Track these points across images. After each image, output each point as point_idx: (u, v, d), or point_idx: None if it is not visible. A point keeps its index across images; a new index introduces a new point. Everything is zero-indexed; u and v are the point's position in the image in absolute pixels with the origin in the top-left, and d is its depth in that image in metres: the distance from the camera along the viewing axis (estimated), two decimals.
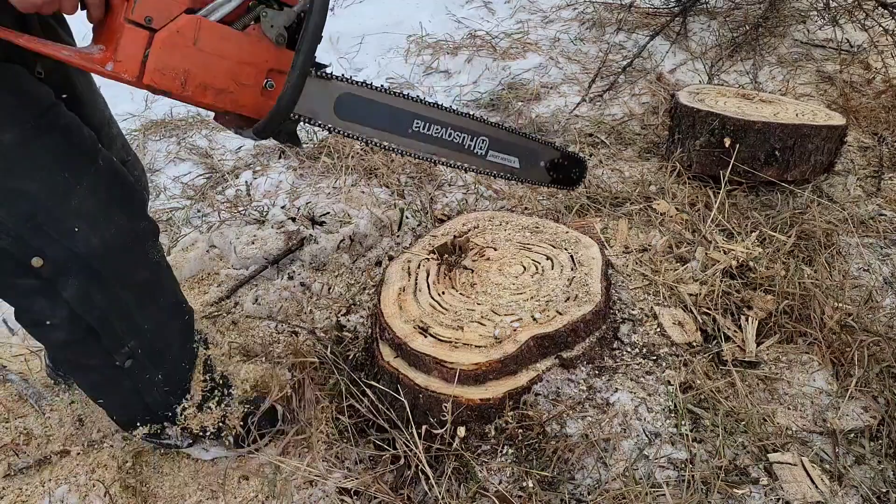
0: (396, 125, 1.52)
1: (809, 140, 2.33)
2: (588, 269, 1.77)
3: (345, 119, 1.43)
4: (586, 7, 4.00)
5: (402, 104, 1.52)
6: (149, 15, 1.15)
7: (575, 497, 1.44)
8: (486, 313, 1.64)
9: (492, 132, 1.69)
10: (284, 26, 1.27)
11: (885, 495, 1.46)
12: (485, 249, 1.87)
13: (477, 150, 1.67)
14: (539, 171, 1.87)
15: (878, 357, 1.72)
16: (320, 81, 1.38)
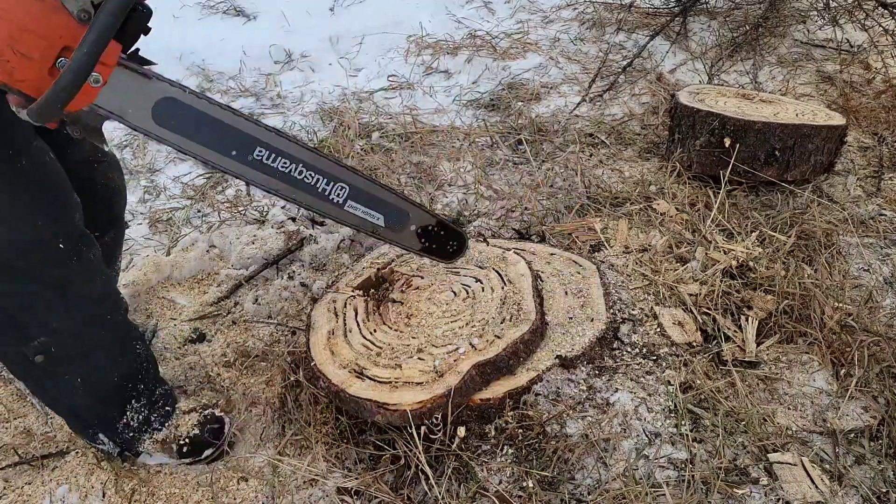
0: (232, 147, 1.33)
1: (809, 140, 2.33)
2: (518, 286, 1.72)
3: (165, 126, 1.26)
4: (586, 7, 4.00)
5: (244, 126, 1.33)
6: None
7: (575, 497, 1.44)
8: (423, 346, 1.58)
9: (353, 180, 1.48)
10: (92, 2, 1.08)
11: (885, 495, 1.46)
12: (411, 279, 1.79)
13: (333, 197, 1.47)
14: (408, 235, 1.64)
15: (878, 357, 1.72)
16: (137, 77, 1.21)
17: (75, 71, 1.04)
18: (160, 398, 1.60)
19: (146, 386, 1.56)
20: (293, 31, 3.86)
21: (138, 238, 2.42)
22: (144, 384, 1.56)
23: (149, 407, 1.57)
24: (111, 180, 1.66)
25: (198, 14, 4.00)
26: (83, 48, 1.03)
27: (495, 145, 2.86)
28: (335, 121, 3.04)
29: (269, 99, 3.36)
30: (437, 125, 3.01)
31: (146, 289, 2.18)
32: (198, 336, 1.99)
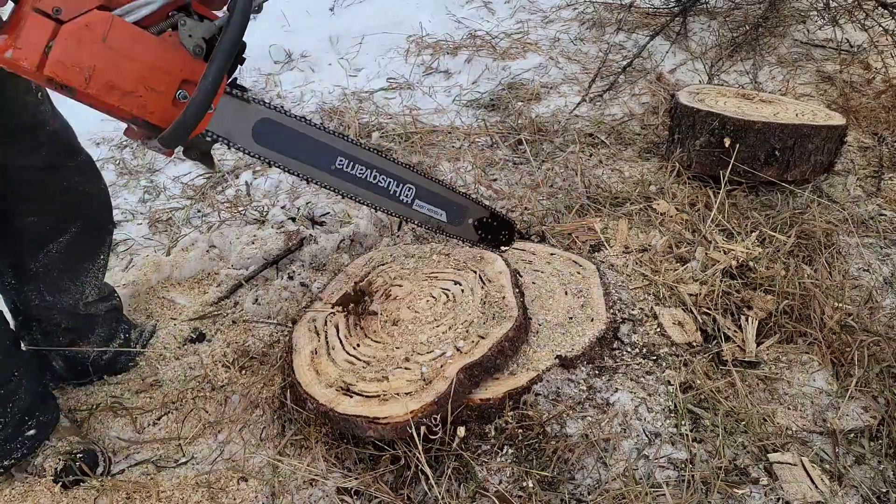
0: (319, 159, 1.48)
1: (809, 140, 2.32)
2: (498, 284, 1.71)
3: (263, 145, 1.40)
4: (586, 7, 4.00)
5: (327, 139, 1.48)
6: (58, 6, 1.13)
7: (575, 497, 1.44)
8: (408, 355, 1.56)
9: (420, 181, 1.66)
10: (204, 38, 1.24)
11: (885, 495, 1.46)
12: (390, 288, 1.77)
13: (403, 198, 1.64)
14: (467, 227, 1.84)
15: (878, 357, 1.72)
16: (239, 102, 1.35)
17: (201, 100, 1.19)
18: (31, 427, 1.55)
19: (16, 416, 1.52)
20: (293, 31, 3.86)
21: (138, 238, 2.42)
22: (16, 415, 1.52)
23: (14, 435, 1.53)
24: (76, 184, 1.66)
25: None
26: (207, 79, 1.18)
27: (495, 145, 2.86)
28: (335, 121, 3.04)
29: (269, 99, 3.36)
30: (437, 125, 3.01)
31: (146, 289, 2.18)
32: (198, 336, 1.99)
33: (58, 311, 1.73)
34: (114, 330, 1.87)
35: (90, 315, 1.79)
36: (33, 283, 1.68)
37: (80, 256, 1.73)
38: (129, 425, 1.75)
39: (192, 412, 1.77)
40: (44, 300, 1.70)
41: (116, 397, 1.81)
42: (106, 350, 1.84)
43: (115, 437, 1.72)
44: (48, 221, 1.65)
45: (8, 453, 1.53)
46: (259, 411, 1.74)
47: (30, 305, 1.71)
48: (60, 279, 1.70)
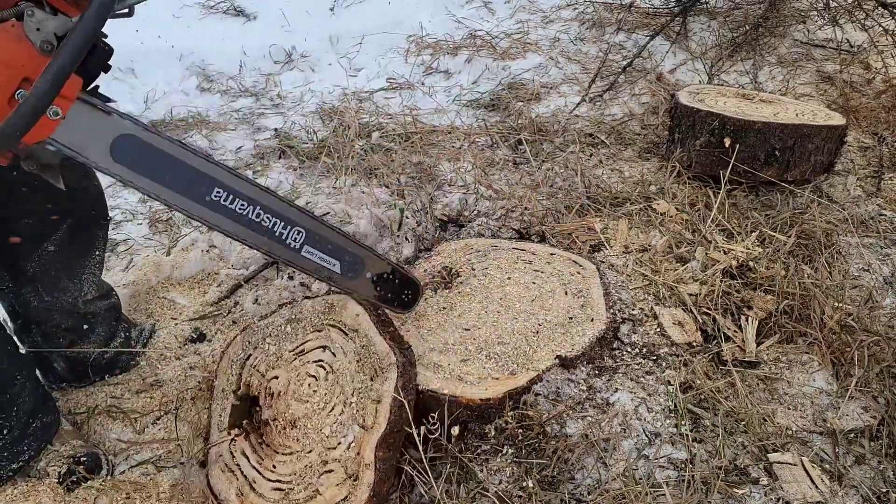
0: (191, 188, 1.29)
1: (809, 140, 2.33)
2: (362, 332, 1.58)
3: (123, 164, 1.23)
4: (586, 7, 4.00)
5: (204, 166, 1.29)
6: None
7: (575, 497, 1.44)
8: (323, 457, 1.44)
9: (311, 225, 1.46)
10: (56, 34, 1.08)
11: (885, 495, 1.46)
12: (268, 384, 1.60)
13: (290, 242, 1.44)
14: (363, 282, 1.60)
15: (878, 357, 1.72)
16: (97, 113, 1.19)
17: (35, 100, 1.02)
18: (37, 428, 1.56)
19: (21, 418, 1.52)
20: (293, 31, 3.86)
21: (138, 238, 2.42)
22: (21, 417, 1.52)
23: (21, 437, 1.53)
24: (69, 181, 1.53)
25: (198, 14, 4.00)
26: (45, 77, 1.02)
27: (495, 145, 2.86)
28: (335, 121, 3.04)
29: (269, 99, 3.36)
30: (437, 125, 3.01)
31: (146, 289, 2.18)
32: (198, 336, 1.99)
33: (57, 311, 1.72)
34: (114, 329, 1.87)
35: (90, 314, 1.79)
36: (31, 284, 1.67)
37: (76, 253, 1.71)
38: (128, 426, 1.75)
39: (192, 412, 1.77)
40: (42, 301, 1.69)
41: (116, 398, 1.81)
42: (107, 350, 1.84)
43: (115, 439, 1.72)
44: (43, 221, 1.62)
45: (15, 456, 1.53)
46: None
47: (28, 307, 1.71)
48: (58, 278, 1.69)
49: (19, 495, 1.52)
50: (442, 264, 1.94)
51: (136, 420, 1.76)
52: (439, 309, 1.79)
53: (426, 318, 1.76)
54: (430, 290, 1.86)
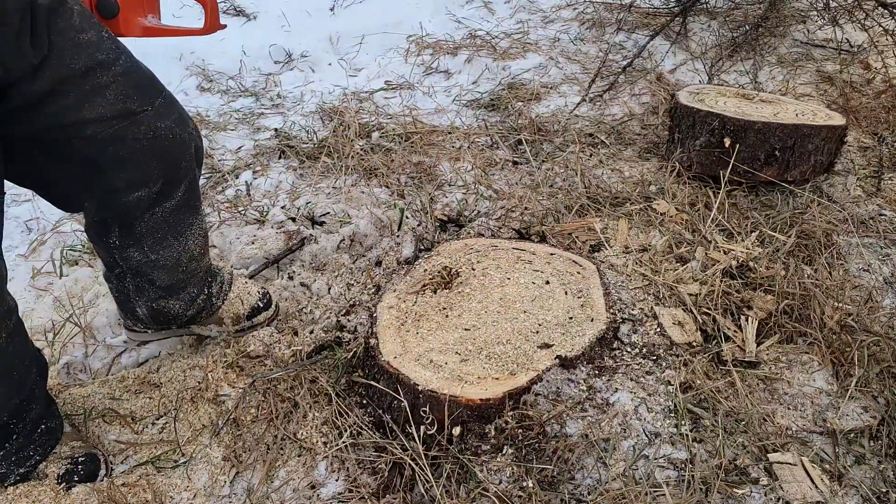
0: None
1: (809, 140, 2.32)
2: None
3: None
4: (586, 7, 4.00)
5: None
6: None
7: (575, 497, 1.44)
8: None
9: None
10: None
11: (884, 495, 1.46)
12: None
13: None
14: None
15: (878, 357, 1.72)
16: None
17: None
18: (42, 434, 1.55)
19: (28, 424, 1.52)
20: (293, 31, 3.86)
21: None
22: (28, 423, 1.52)
23: (27, 443, 1.52)
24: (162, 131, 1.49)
25: (198, 14, 3.99)
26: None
27: (495, 145, 2.86)
28: (335, 121, 3.04)
29: (269, 99, 3.36)
30: (437, 125, 3.01)
31: None
32: (198, 336, 1.99)
33: (159, 267, 1.66)
34: (201, 287, 1.83)
35: (189, 272, 1.74)
36: (138, 243, 1.60)
37: (185, 214, 1.64)
38: (126, 427, 1.75)
39: (191, 413, 1.76)
40: (147, 258, 1.63)
41: (115, 398, 1.81)
42: (191, 306, 1.82)
43: (113, 440, 1.72)
44: (153, 191, 1.51)
45: (22, 461, 1.52)
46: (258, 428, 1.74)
47: (130, 262, 1.65)
48: (164, 237, 1.62)
49: (19, 495, 1.52)
50: (442, 264, 1.93)
51: (136, 422, 1.76)
52: (439, 309, 1.78)
53: (426, 318, 1.76)
54: (430, 290, 1.86)
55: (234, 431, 1.70)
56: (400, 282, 1.88)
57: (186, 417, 1.75)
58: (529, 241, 2.15)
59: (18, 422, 1.49)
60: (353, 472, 1.56)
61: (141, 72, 1.45)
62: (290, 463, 1.62)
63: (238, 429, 1.70)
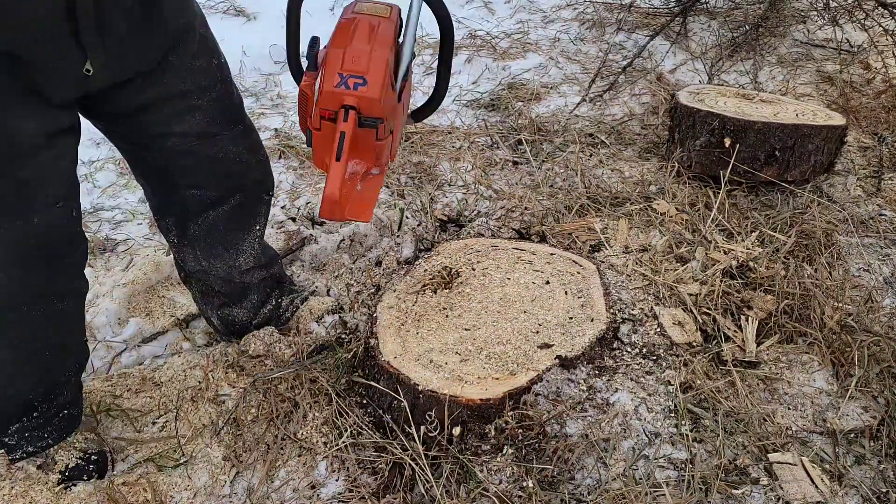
0: None
1: (809, 140, 2.33)
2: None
3: None
4: (586, 7, 4.00)
5: None
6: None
7: (575, 497, 1.44)
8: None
9: None
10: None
11: (885, 495, 1.46)
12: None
13: None
14: None
15: (878, 357, 1.72)
16: None
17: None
18: (63, 420, 1.57)
19: (54, 407, 1.54)
20: None
21: (138, 238, 2.42)
22: (54, 406, 1.54)
23: (46, 424, 1.54)
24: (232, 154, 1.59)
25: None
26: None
27: (495, 145, 2.86)
28: None
29: (269, 99, 3.36)
30: (437, 125, 3.01)
31: (146, 288, 2.18)
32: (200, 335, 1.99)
33: (212, 276, 1.76)
34: (267, 295, 1.90)
35: (244, 283, 1.82)
36: (190, 246, 1.70)
37: (236, 225, 1.71)
38: (128, 425, 1.75)
39: (191, 413, 1.76)
40: (199, 264, 1.73)
41: (116, 396, 1.81)
42: (257, 315, 1.90)
43: (115, 438, 1.72)
44: (208, 195, 1.62)
45: (34, 440, 1.54)
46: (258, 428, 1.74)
47: (186, 265, 1.76)
48: (215, 246, 1.71)
49: (16, 496, 1.52)
50: (442, 264, 1.93)
51: (138, 419, 1.76)
52: (439, 309, 1.78)
53: (426, 318, 1.76)
54: (430, 291, 1.86)
55: (235, 431, 1.70)
56: (400, 282, 1.88)
57: (187, 417, 1.75)
58: (529, 241, 2.15)
59: (44, 402, 1.52)
60: (353, 472, 1.56)
61: (231, 100, 1.57)
62: (290, 463, 1.62)
63: (238, 429, 1.71)
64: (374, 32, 1.32)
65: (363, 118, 1.31)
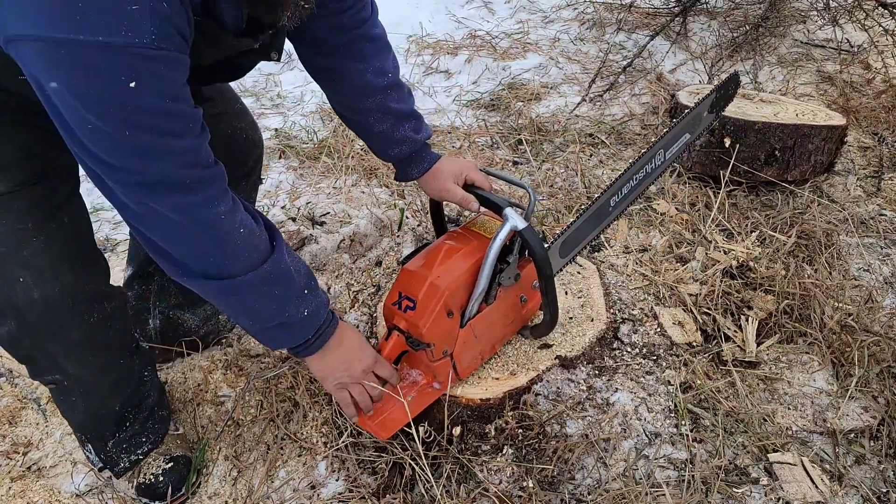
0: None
1: (809, 140, 2.32)
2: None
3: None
4: (586, 7, 4.00)
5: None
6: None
7: (575, 497, 1.44)
8: None
9: None
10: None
11: (885, 495, 1.46)
12: None
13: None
14: None
15: (878, 357, 1.72)
16: None
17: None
18: (156, 422, 1.58)
19: (144, 412, 1.55)
20: None
21: None
22: (144, 411, 1.55)
23: (141, 431, 1.55)
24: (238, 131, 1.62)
25: None
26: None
27: (495, 145, 2.86)
28: (335, 121, 3.04)
29: (270, 99, 3.36)
30: (437, 125, 3.01)
31: None
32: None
33: None
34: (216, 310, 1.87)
35: None
36: None
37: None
38: None
39: (191, 413, 1.76)
40: None
41: None
42: (203, 325, 1.86)
43: None
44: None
45: (134, 449, 1.54)
46: (263, 415, 1.74)
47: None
48: None
49: (13, 495, 1.52)
50: None
51: None
52: None
53: None
54: None
55: (234, 431, 1.70)
56: None
57: (187, 417, 1.75)
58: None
59: (133, 408, 1.51)
60: (353, 472, 1.56)
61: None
62: (290, 463, 1.62)
63: (238, 429, 1.71)
64: (449, 259, 1.41)
65: (410, 339, 1.40)
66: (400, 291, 1.42)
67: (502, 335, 1.58)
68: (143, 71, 0.93)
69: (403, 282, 1.43)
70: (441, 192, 1.56)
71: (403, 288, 1.42)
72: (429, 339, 1.39)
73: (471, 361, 1.52)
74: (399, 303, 1.41)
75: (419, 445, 1.46)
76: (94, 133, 0.96)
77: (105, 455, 1.52)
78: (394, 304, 1.42)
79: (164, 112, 0.99)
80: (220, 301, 1.25)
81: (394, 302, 1.42)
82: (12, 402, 1.82)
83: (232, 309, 1.29)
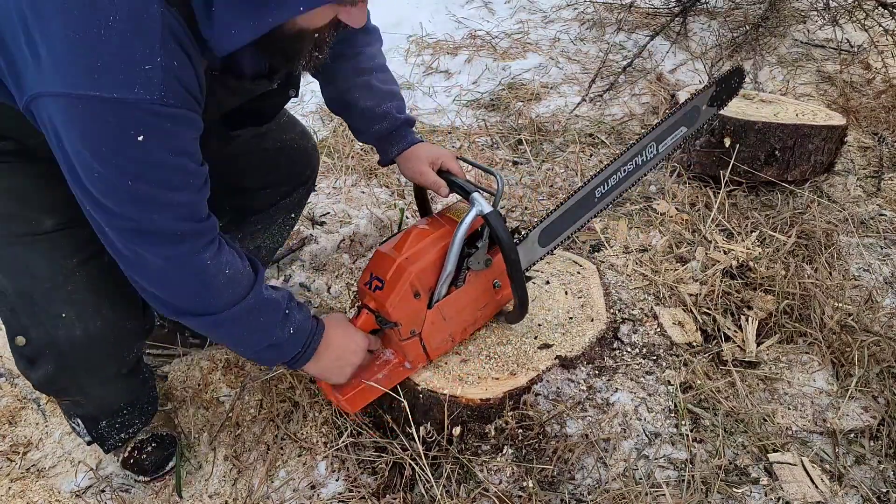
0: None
1: (809, 140, 2.32)
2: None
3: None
4: (586, 7, 4.00)
5: None
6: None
7: (575, 497, 1.44)
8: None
9: None
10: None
11: (885, 495, 1.46)
12: None
13: None
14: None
15: (878, 357, 1.72)
16: None
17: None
18: (148, 403, 1.60)
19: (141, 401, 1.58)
20: None
21: None
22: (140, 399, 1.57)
23: (134, 413, 1.57)
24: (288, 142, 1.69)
25: None
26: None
27: (495, 145, 2.86)
28: (335, 121, 3.04)
29: None
30: (437, 125, 3.01)
31: None
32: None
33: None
34: None
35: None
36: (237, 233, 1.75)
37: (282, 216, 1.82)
38: None
39: (191, 413, 1.76)
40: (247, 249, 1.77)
41: None
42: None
43: None
44: (277, 192, 1.73)
45: (126, 426, 1.56)
46: (262, 415, 1.74)
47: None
48: (257, 234, 1.80)
49: (13, 495, 1.52)
50: None
51: None
52: None
53: None
54: None
55: (234, 431, 1.70)
56: None
57: (187, 417, 1.75)
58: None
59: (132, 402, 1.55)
60: (353, 472, 1.56)
61: None
62: (290, 463, 1.62)
63: (238, 429, 1.71)
64: (419, 243, 1.45)
65: (379, 318, 1.44)
66: (371, 272, 1.46)
67: (474, 319, 1.60)
68: (151, 126, 1.01)
69: (374, 263, 1.47)
70: (415, 175, 1.58)
71: (374, 269, 1.46)
72: (395, 318, 1.44)
73: (440, 343, 1.55)
74: (370, 283, 1.46)
75: (419, 445, 1.46)
76: (98, 179, 1.03)
77: (97, 433, 1.54)
78: (365, 284, 1.47)
79: (167, 166, 1.06)
80: (210, 333, 1.33)
81: (365, 282, 1.47)
82: (12, 402, 1.82)
83: (222, 339, 1.37)
